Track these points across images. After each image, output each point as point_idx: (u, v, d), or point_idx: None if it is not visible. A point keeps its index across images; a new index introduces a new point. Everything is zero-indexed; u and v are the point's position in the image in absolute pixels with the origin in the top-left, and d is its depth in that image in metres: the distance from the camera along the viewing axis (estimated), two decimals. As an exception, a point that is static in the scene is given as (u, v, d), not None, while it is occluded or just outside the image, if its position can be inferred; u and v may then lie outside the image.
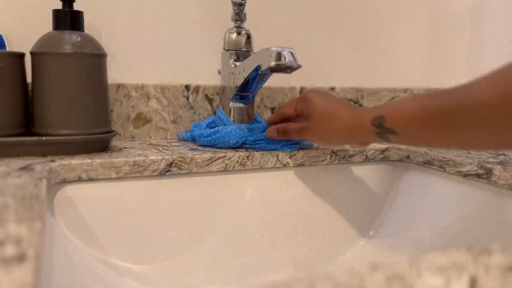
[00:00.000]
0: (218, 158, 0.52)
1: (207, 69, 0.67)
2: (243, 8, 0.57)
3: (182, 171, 0.50)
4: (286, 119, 0.57)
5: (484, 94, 0.36)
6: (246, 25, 0.59)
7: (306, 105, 0.52)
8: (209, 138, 0.56)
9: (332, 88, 0.76)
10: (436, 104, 0.40)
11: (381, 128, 0.44)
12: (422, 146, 0.59)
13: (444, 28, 0.87)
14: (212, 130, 0.57)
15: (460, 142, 0.41)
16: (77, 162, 0.45)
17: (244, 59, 0.56)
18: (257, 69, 0.51)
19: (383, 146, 0.62)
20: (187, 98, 0.65)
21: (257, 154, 0.54)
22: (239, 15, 0.58)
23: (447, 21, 0.87)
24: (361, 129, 0.46)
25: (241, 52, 0.58)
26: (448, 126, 0.39)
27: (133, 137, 0.63)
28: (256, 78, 0.55)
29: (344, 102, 0.51)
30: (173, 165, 0.49)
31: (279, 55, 0.46)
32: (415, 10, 0.84)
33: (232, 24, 0.58)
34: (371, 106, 0.47)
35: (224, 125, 0.57)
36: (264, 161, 0.54)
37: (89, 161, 0.46)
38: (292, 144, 0.57)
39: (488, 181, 0.49)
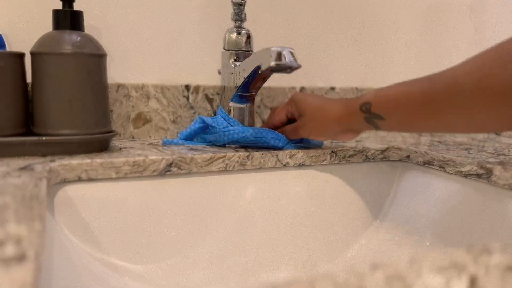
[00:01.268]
0: (218, 158, 0.52)
1: (207, 69, 0.67)
2: (243, 8, 0.57)
3: (182, 171, 0.50)
4: (277, 127, 0.58)
5: (460, 80, 0.39)
6: (246, 25, 0.59)
7: (296, 105, 0.55)
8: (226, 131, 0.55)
9: (332, 88, 0.76)
10: (418, 90, 0.43)
11: (369, 113, 0.47)
12: (407, 131, 0.60)
13: (445, 27, 0.87)
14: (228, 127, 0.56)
15: (443, 126, 0.44)
16: (77, 162, 0.45)
17: (244, 59, 0.56)
18: (257, 69, 0.51)
19: (383, 146, 0.62)
20: (187, 98, 0.65)
21: (257, 154, 0.54)
22: (239, 15, 0.58)
23: (448, 20, 0.87)
24: (351, 115, 0.49)
25: (241, 52, 0.58)
26: (430, 111, 0.42)
27: (133, 137, 0.63)
28: (256, 78, 0.55)
29: (331, 98, 0.54)
30: (173, 165, 0.49)
31: (279, 55, 0.46)
32: (415, 9, 0.84)
33: (232, 24, 0.58)
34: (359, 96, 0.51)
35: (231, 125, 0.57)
36: (264, 161, 0.54)
37: (89, 161, 0.46)
38: (296, 143, 0.58)
39: (488, 181, 0.49)
